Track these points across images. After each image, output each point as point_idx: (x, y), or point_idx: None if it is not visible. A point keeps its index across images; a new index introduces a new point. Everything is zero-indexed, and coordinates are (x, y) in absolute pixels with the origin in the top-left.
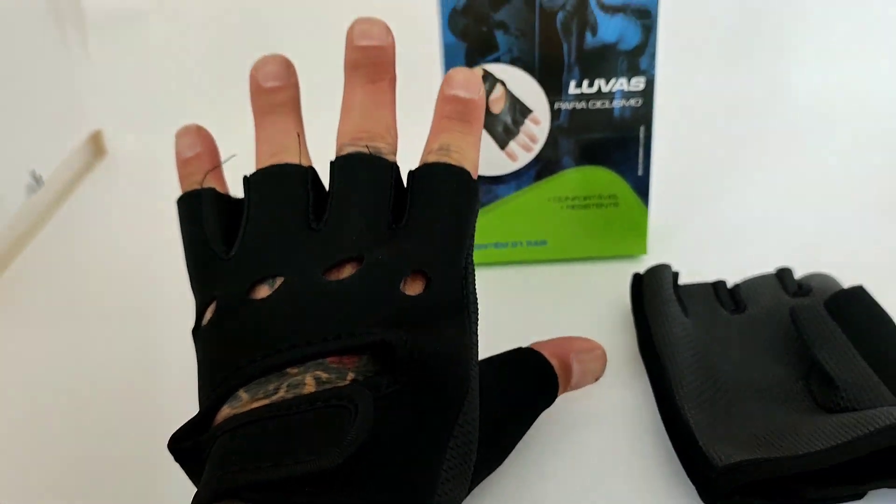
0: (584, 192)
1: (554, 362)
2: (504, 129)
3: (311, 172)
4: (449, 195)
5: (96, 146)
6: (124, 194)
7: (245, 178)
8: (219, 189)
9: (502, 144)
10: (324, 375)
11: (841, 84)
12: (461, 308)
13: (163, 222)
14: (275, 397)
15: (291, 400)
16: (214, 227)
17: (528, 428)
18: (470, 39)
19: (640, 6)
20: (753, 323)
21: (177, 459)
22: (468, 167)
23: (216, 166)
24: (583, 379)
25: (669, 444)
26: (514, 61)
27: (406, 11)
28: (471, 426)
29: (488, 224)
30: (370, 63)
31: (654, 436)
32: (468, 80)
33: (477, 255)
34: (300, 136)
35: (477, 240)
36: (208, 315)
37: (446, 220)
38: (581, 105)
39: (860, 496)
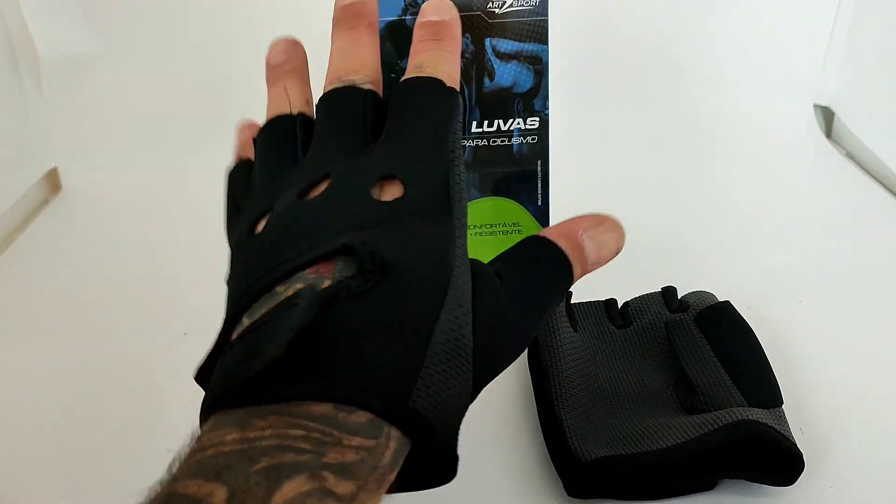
0: (490, 221)
1: (562, 243)
2: None
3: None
4: (422, 104)
5: (52, 183)
6: (79, 230)
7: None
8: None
9: None
10: (300, 286)
11: (738, 107)
12: (442, 209)
13: (117, 257)
14: (263, 313)
15: (267, 312)
16: (240, 182)
17: (544, 319)
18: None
19: (532, 53)
20: (636, 337)
21: (203, 387)
22: (441, 76)
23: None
24: (600, 253)
25: (545, 444)
26: None
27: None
28: (458, 322)
29: None
30: (349, 15)
31: (532, 436)
32: (439, 6)
33: None
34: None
35: None
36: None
37: (418, 126)
38: (483, 142)
39: (711, 486)
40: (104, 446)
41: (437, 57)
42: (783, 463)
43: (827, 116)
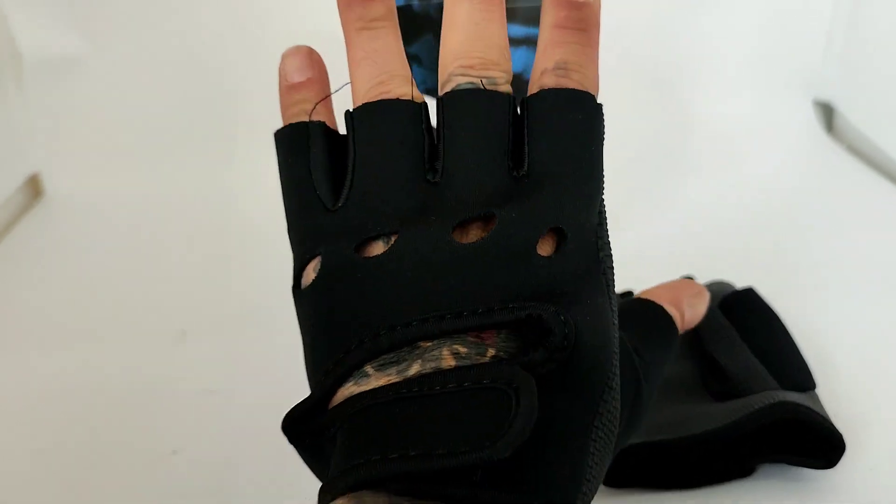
0: None
1: (672, 311)
2: None
3: (425, 109)
4: (576, 130)
5: (33, 189)
6: (62, 237)
7: (348, 114)
8: (328, 124)
9: None
10: (462, 350)
11: (739, 103)
12: (598, 268)
13: (101, 263)
14: (409, 373)
15: (433, 378)
16: (322, 168)
17: (657, 387)
18: None
19: None
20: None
21: (292, 442)
22: (592, 90)
23: (327, 96)
24: (691, 323)
25: None
26: (428, 91)
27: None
28: (615, 401)
29: None
30: None
31: None
32: None
33: None
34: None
35: None
36: (311, 273)
37: (577, 163)
38: None
39: (749, 472)
40: (103, 453)
41: (586, 58)
42: (824, 445)
43: (826, 112)
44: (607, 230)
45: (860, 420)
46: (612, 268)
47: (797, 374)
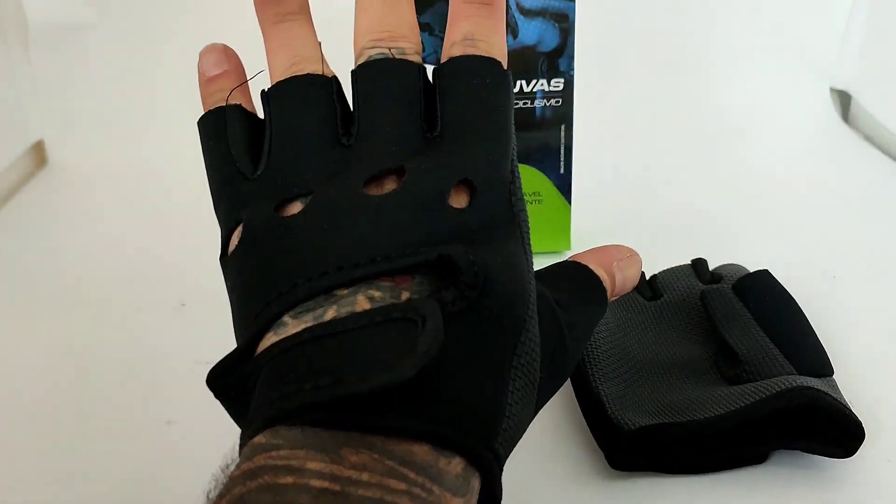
0: None
1: (600, 273)
2: None
3: (336, 83)
4: (483, 92)
5: (38, 156)
6: (65, 206)
7: (264, 93)
8: (245, 107)
9: None
10: (377, 294)
11: (755, 91)
12: (511, 219)
13: (103, 231)
14: (325, 318)
15: (346, 318)
16: (241, 144)
17: (585, 343)
18: None
19: (558, 10)
20: (668, 308)
21: (217, 396)
22: (498, 56)
23: (243, 82)
24: (623, 286)
25: (582, 417)
26: (438, 62)
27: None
28: (533, 344)
29: None
30: None
31: (566, 410)
32: None
33: None
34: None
35: None
36: (235, 240)
37: (486, 122)
38: None
39: (763, 458)
40: (98, 421)
41: (489, 29)
42: (842, 432)
43: (843, 100)
44: (521, 187)
45: (877, 408)
46: (528, 221)
47: (814, 358)
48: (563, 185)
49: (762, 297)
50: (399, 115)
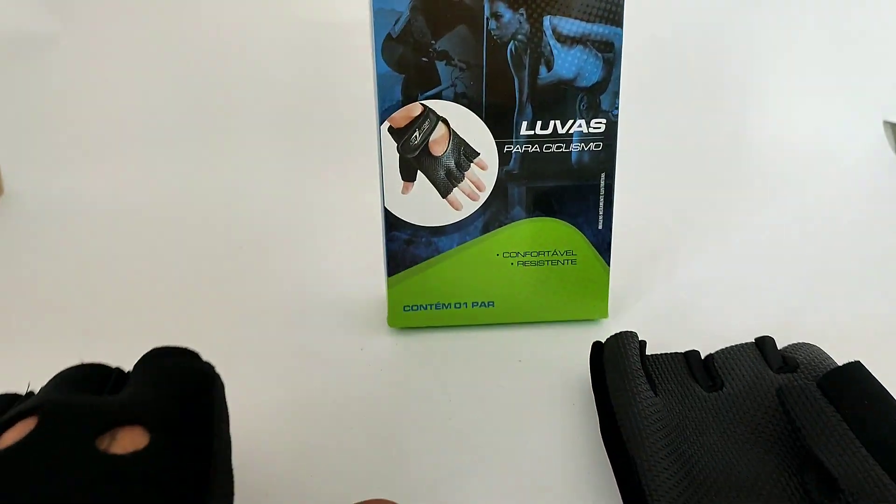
0: (537, 247)
1: None
2: (447, 173)
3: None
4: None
5: None
6: (22, 238)
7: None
8: None
9: (444, 191)
10: None
11: (798, 132)
12: None
13: (60, 260)
14: None
15: None
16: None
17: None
18: (408, 71)
19: (602, 37)
20: (733, 403)
21: None
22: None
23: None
24: None
25: None
26: (458, 97)
27: (338, 40)
28: None
29: (427, 282)
30: None
31: None
32: None
33: (414, 318)
34: None
35: (414, 300)
36: None
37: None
38: (534, 148)
39: None
40: None
41: None
42: None
43: None
44: None
45: None
46: None
47: None
48: (602, 244)
49: (857, 399)
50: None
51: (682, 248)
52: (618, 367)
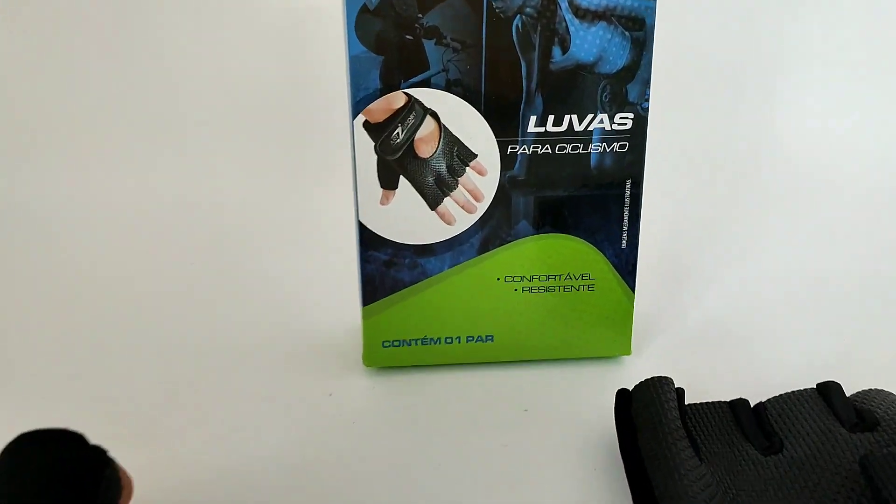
0: (546, 270)
1: None
2: (437, 180)
3: None
4: None
5: None
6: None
7: None
8: None
9: (433, 202)
10: None
11: (835, 135)
12: None
13: (28, 275)
14: None
15: None
16: None
17: None
18: (388, 51)
19: (631, 12)
20: (797, 469)
21: None
22: None
23: None
24: None
25: None
26: (451, 85)
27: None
28: None
29: (412, 312)
30: None
31: None
32: None
33: (395, 356)
34: None
35: (395, 334)
36: None
37: None
38: (544, 149)
39: None
40: None
41: None
42: None
43: None
44: None
45: None
46: None
47: None
48: (625, 266)
49: None
50: None
51: (715, 268)
52: (652, 425)
